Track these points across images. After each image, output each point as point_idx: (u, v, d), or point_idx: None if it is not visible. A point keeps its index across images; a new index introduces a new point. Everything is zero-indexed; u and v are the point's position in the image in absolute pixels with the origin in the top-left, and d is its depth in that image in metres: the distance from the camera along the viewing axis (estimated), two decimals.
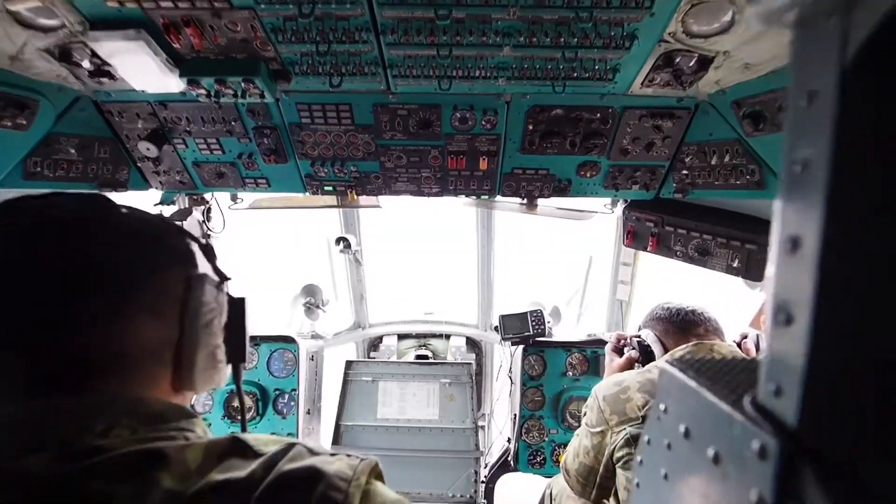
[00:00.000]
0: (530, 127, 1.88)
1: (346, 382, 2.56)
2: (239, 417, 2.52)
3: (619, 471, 1.50)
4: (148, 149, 1.99)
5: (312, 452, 0.61)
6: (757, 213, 1.91)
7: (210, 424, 2.48)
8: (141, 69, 1.61)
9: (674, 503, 0.46)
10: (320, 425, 2.81)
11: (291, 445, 0.60)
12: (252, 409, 2.50)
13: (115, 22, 1.40)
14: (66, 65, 1.66)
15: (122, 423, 0.56)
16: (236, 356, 0.83)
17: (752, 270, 1.89)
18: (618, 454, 1.49)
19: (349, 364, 2.60)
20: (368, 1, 1.27)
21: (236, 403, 2.54)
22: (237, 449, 0.59)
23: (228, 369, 0.83)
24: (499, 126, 1.89)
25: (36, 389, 0.57)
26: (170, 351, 0.66)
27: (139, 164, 2.15)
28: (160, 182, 2.21)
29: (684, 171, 1.93)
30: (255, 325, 0.87)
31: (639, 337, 1.85)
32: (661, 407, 0.49)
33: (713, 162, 1.80)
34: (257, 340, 2.58)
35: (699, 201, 2.04)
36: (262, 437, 0.63)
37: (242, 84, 1.58)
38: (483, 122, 1.87)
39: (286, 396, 2.54)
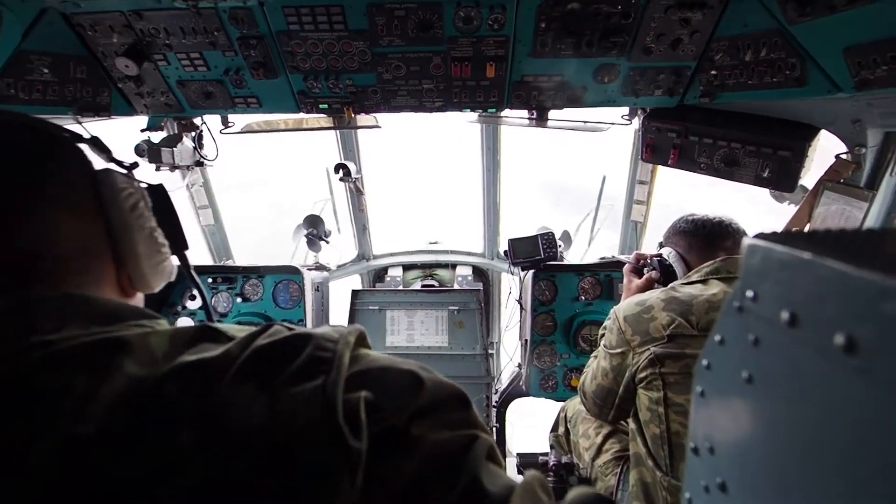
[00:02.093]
0: (542, 25, 1.73)
1: (353, 312, 2.61)
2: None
3: (640, 391, 1.49)
4: (126, 66, 1.89)
5: (292, 330, 0.58)
6: (794, 117, 1.78)
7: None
8: None
9: (763, 410, 0.40)
10: None
11: (269, 325, 0.57)
12: None
13: None
14: None
15: (72, 323, 0.52)
16: (177, 243, 0.81)
17: (783, 180, 1.80)
18: (640, 374, 1.46)
19: (355, 294, 2.65)
20: None
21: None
22: (208, 335, 0.56)
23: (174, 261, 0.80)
24: (507, 26, 1.75)
25: None
26: (105, 244, 0.63)
27: (120, 86, 2.05)
28: (145, 105, 2.13)
29: (713, 72, 1.80)
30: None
31: (659, 256, 1.78)
32: (749, 294, 0.41)
33: (747, 58, 1.67)
34: (261, 272, 2.62)
35: (726, 106, 1.92)
36: (235, 327, 0.60)
37: None
38: (489, 22, 1.73)
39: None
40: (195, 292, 2.59)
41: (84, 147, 0.68)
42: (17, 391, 0.45)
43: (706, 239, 1.63)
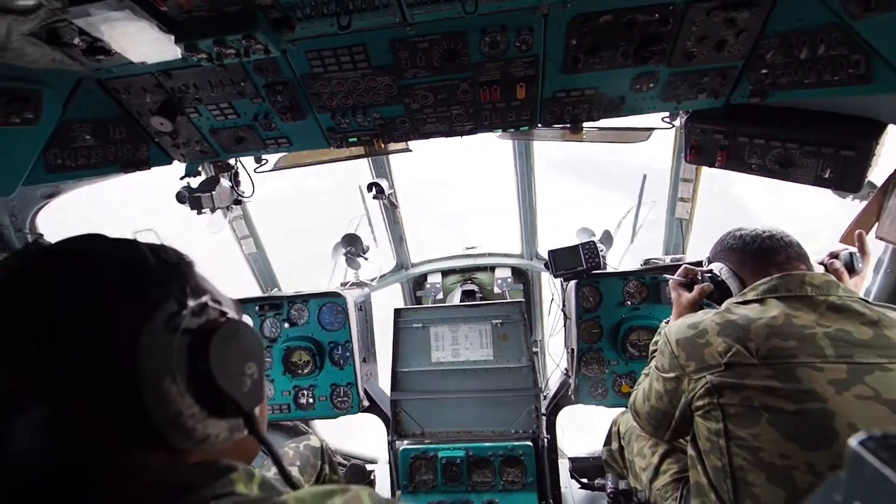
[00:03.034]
0: (573, 42, 1.66)
1: (397, 331, 2.68)
2: (300, 372, 2.70)
3: (698, 419, 1.41)
4: (161, 123, 1.97)
5: None
6: (857, 112, 1.63)
7: (273, 381, 2.71)
8: (134, 39, 1.55)
9: None
10: (377, 367, 3.03)
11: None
12: (310, 364, 2.68)
13: None
14: (57, 47, 1.60)
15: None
16: (227, 410, 0.63)
17: (847, 180, 1.66)
18: (697, 403, 1.39)
19: (398, 312, 2.71)
20: None
21: (295, 359, 2.70)
22: None
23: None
24: (536, 46, 1.68)
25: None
26: (140, 425, 0.56)
27: (157, 140, 2.14)
28: (181, 155, 2.21)
29: (763, 70, 1.67)
30: (248, 352, 0.68)
31: (710, 272, 1.66)
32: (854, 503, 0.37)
33: (803, 56, 1.53)
34: (305, 298, 2.72)
35: (779, 103, 1.78)
36: (307, 497, 0.57)
37: (243, 41, 1.47)
38: (517, 44, 1.68)
39: (340, 348, 2.71)
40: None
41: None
42: None
43: (758, 254, 1.53)
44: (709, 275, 1.67)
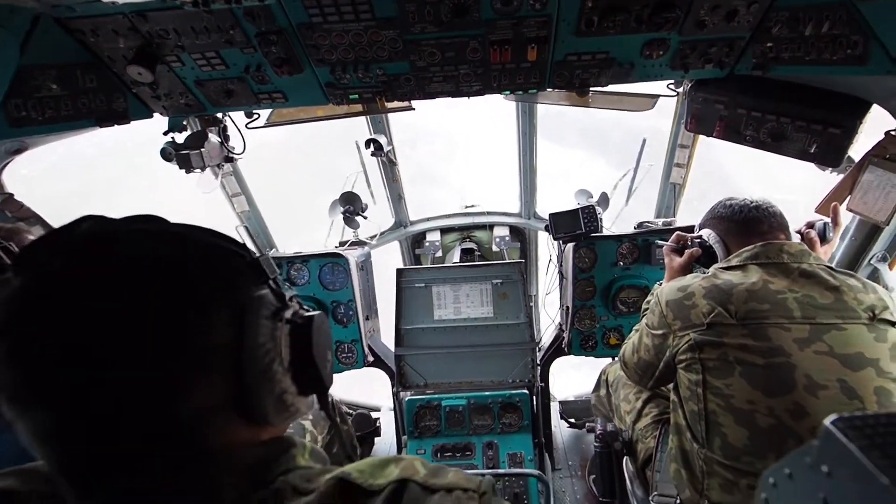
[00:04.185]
0: (588, 4, 1.48)
1: (399, 290, 2.66)
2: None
3: (680, 371, 1.57)
4: (140, 73, 1.71)
5: (425, 488, 0.58)
6: (846, 90, 1.62)
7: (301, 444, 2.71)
8: None
9: None
10: (379, 323, 3.03)
11: (403, 484, 0.58)
12: None
13: None
14: None
15: (224, 487, 0.55)
16: (314, 389, 0.71)
17: (829, 156, 1.70)
18: (680, 357, 1.53)
19: (400, 272, 2.67)
20: None
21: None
22: (346, 495, 0.57)
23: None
24: (550, 5, 1.50)
25: (108, 482, 0.53)
26: (233, 405, 0.59)
27: (135, 90, 1.89)
28: (163, 107, 1.97)
29: (768, 44, 1.59)
30: (329, 340, 0.76)
31: (699, 237, 1.76)
32: (823, 469, 0.42)
33: (807, 32, 1.45)
34: (305, 258, 2.62)
35: (776, 77, 1.73)
36: (366, 467, 0.61)
37: None
38: (531, 2, 1.49)
39: (343, 307, 2.68)
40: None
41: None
42: None
43: (744, 223, 1.63)
44: (698, 241, 1.77)
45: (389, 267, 2.78)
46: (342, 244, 2.85)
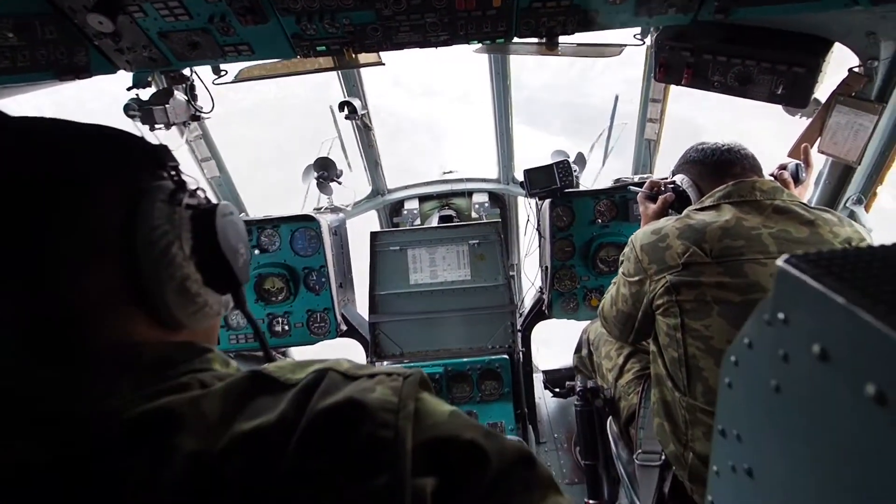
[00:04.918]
0: None
1: (374, 254, 2.74)
2: (273, 299, 2.75)
3: (658, 318, 1.61)
4: (100, 22, 1.78)
5: (346, 376, 0.57)
6: (808, 30, 1.75)
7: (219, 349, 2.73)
8: None
9: (789, 421, 0.41)
10: (354, 294, 3.12)
11: (322, 373, 0.56)
12: (284, 290, 2.71)
13: None
14: None
15: (121, 378, 0.52)
16: (225, 282, 0.69)
17: (796, 96, 1.83)
18: (657, 302, 1.57)
19: (374, 235, 2.75)
20: None
21: (268, 286, 2.74)
22: (260, 385, 0.55)
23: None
24: None
25: None
26: (130, 294, 0.57)
27: (97, 43, 1.95)
28: (127, 62, 2.04)
29: None
30: (241, 233, 0.75)
31: (672, 183, 1.85)
32: (780, 316, 0.42)
33: None
34: (276, 223, 2.70)
35: (740, 22, 1.86)
36: (287, 365, 0.59)
37: None
38: None
39: (315, 273, 2.75)
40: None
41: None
42: (73, 484, 0.45)
43: (716, 166, 1.71)
44: (671, 186, 1.86)
45: (367, 238, 2.87)
46: (317, 210, 2.94)
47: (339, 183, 2.91)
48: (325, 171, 2.83)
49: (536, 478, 0.54)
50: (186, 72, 2.24)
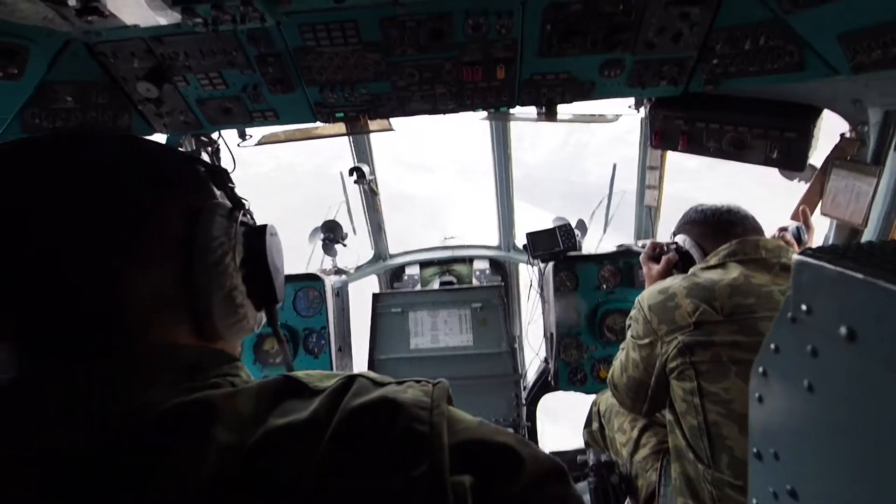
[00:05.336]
0: (548, 27, 1.93)
1: (375, 316, 2.81)
2: (271, 361, 2.79)
3: (673, 382, 1.56)
4: (148, 89, 2.10)
5: (377, 383, 0.60)
6: (795, 99, 1.98)
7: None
8: (130, 1, 1.69)
9: (828, 419, 0.41)
10: (353, 361, 3.12)
11: (352, 378, 0.60)
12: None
13: None
14: (51, 3, 1.71)
15: (158, 377, 0.56)
16: (265, 297, 0.76)
17: (791, 160, 2.00)
18: (671, 365, 1.53)
19: (377, 297, 2.85)
20: None
21: (267, 347, 2.81)
22: (292, 389, 0.59)
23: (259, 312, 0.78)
24: (514, 30, 1.94)
25: (42, 355, 0.55)
26: (181, 299, 0.63)
27: (140, 108, 2.27)
28: (164, 124, 2.34)
29: (714, 61, 2.00)
30: (282, 254, 0.84)
31: (675, 244, 1.93)
32: (803, 307, 0.43)
33: (746, 47, 1.86)
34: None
35: (731, 92, 2.11)
36: (315, 373, 0.62)
37: (241, 7, 1.65)
38: (497, 28, 1.93)
39: (315, 335, 2.80)
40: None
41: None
42: (114, 471, 0.47)
43: (718, 225, 1.78)
44: (674, 246, 1.93)
45: (366, 305, 2.96)
46: (322, 272, 3.07)
47: (344, 245, 3.08)
48: (331, 233, 3.02)
49: (571, 496, 0.55)
50: (215, 135, 2.54)
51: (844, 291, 0.38)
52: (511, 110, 2.32)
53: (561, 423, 3.54)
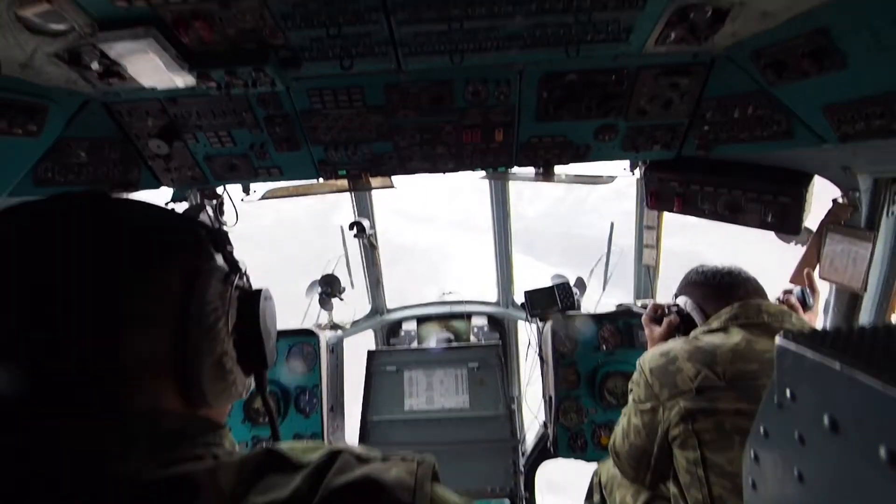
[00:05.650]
0: (544, 95, 2.01)
1: (369, 375, 2.73)
2: (261, 420, 2.68)
3: (676, 451, 1.50)
4: (158, 146, 2.17)
5: (361, 459, 0.59)
6: (787, 164, 2.02)
7: (230, 429, 2.66)
8: (150, 66, 1.77)
9: None
10: (345, 421, 2.99)
11: (335, 453, 0.59)
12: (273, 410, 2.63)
13: (123, 21, 1.54)
14: (76, 68, 1.81)
15: (138, 445, 0.54)
16: (254, 362, 0.75)
17: (786, 224, 2.01)
18: (673, 432, 1.48)
19: (372, 354, 2.77)
20: None
21: (257, 405, 2.71)
22: (274, 463, 0.58)
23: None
24: (512, 96, 2.03)
25: (30, 414, 0.54)
26: (170, 362, 0.62)
27: (150, 163, 2.33)
28: (171, 179, 2.40)
29: (706, 128, 2.06)
30: (275, 318, 0.84)
31: (676, 305, 1.91)
32: (787, 393, 0.43)
33: (736, 115, 1.93)
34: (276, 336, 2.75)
35: (724, 157, 2.16)
36: (298, 446, 0.62)
37: (253, 74, 1.74)
38: (496, 94, 2.02)
39: (308, 394, 2.71)
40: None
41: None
42: None
43: (719, 288, 1.77)
44: (675, 309, 1.91)
45: (360, 363, 2.88)
46: (317, 326, 3.01)
47: (342, 299, 3.05)
48: (329, 287, 3.00)
49: None
50: (219, 189, 2.58)
51: (824, 381, 0.38)
52: (509, 170, 2.36)
53: (563, 494, 3.31)
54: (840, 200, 1.93)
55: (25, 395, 0.55)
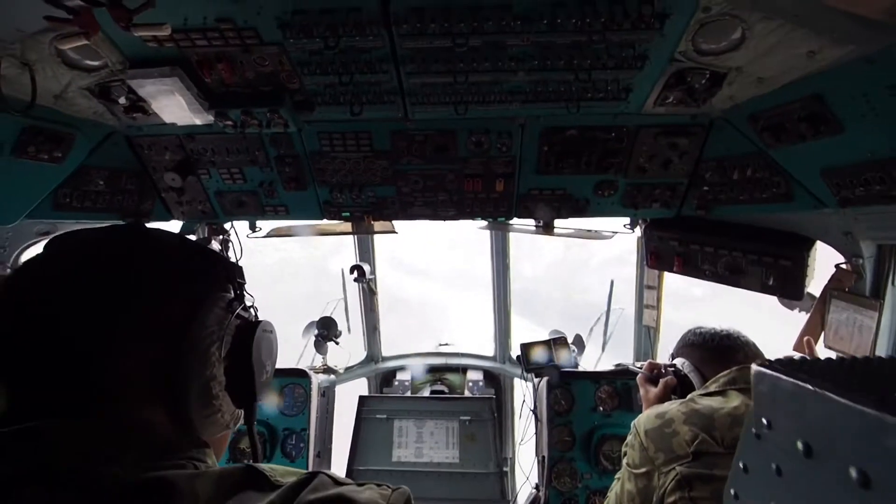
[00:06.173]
0: (545, 148, 2.05)
1: (359, 420, 2.61)
2: (247, 461, 2.55)
3: None
4: (173, 179, 2.23)
5: (337, 482, 0.60)
6: (789, 228, 1.98)
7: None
8: (173, 104, 1.86)
9: None
10: (331, 468, 2.82)
11: (313, 475, 0.60)
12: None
13: (152, 60, 1.63)
14: (104, 101, 1.90)
15: (130, 451, 0.56)
16: (244, 393, 0.74)
17: (788, 288, 1.94)
18: (669, 499, 1.39)
19: (363, 400, 2.66)
20: (389, 33, 1.47)
21: (243, 445, 2.59)
22: (252, 479, 0.59)
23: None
24: (514, 148, 2.06)
25: (32, 413, 0.57)
26: (163, 382, 0.64)
27: (163, 195, 2.37)
28: (182, 212, 2.44)
29: (705, 188, 2.05)
30: (272, 352, 0.83)
31: (673, 366, 1.84)
32: (764, 421, 0.43)
33: (735, 177, 1.92)
34: None
35: (725, 218, 2.13)
36: (279, 468, 0.63)
37: (268, 115, 1.81)
38: (498, 145, 2.05)
39: (295, 437, 2.59)
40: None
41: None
42: None
43: (718, 351, 1.71)
44: (672, 369, 1.84)
45: (352, 406, 2.77)
46: (311, 369, 2.91)
47: (337, 343, 2.97)
48: (325, 330, 2.94)
49: None
50: (227, 225, 2.61)
51: (798, 404, 0.39)
52: (510, 221, 2.36)
53: None
54: (843, 266, 1.87)
55: (30, 393, 0.59)
